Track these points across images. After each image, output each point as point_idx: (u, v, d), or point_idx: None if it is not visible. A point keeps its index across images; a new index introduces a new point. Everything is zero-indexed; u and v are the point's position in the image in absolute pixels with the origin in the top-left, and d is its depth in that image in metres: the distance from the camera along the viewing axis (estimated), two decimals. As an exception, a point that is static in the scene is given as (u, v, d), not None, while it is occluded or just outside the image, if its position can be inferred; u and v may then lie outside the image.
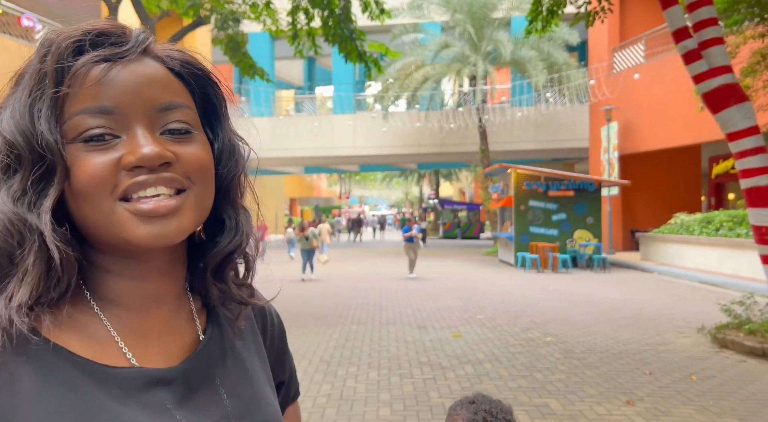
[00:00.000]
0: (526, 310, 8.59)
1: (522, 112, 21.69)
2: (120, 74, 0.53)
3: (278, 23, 10.86)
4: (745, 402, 4.38)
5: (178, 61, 0.58)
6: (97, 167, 0.51)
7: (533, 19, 9.09)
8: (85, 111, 0.52)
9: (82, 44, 0.53)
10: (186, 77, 0.59)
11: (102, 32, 0.55)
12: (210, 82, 0.61)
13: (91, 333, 0.55)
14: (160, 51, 0.58)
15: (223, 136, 0.63)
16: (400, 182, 53.36)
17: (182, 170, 0.55)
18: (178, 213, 0.54)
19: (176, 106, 0.56)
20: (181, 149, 0.55)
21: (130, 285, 0.57)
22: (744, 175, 6.15)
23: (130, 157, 0.52)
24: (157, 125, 0.55)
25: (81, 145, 0.52)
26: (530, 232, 15.53)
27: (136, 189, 0.52)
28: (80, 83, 0.52)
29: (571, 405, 4.35)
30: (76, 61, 0.52)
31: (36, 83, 0.53)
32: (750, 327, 6.10)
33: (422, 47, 22.18)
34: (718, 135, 12.83)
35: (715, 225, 13.19)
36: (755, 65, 10.39)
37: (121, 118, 0.53)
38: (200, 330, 0.63)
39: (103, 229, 0.53)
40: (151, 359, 0.57)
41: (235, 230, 0.64)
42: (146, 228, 0.52)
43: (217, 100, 0.63)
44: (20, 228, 0.51)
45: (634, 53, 18.42)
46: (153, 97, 0.54)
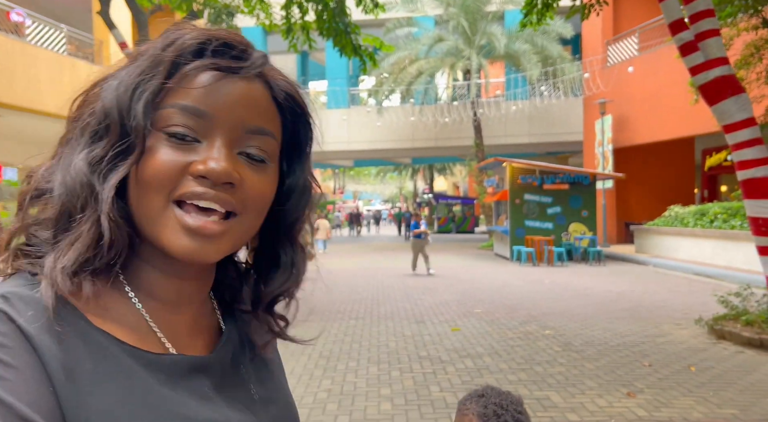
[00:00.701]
0: (524, 304, 8.60)
1: (516, 106, 21.69)
2: (226, 87, 0.55)
3: (272, 17, 10.78)
4: (745, 393, 4.41)
5: (284, 93, 0.60)
6: (167, 164, 0.53)
7: (528, 11, 9.05)
8: (180, 106, 0.53)
9: (205, 48, 0.55)
10: (285, 109, 0.61)
11: (227, 43, 0.56)
12: (304, 121, 0.63)
13: (129, 322, 0.56)
14: (270, 75, 0.59)
15: (300, 174, 0.65)
16: (395, 177, 53.33)
17: (241, 196, 0.55)
18: (221, 238, 0.55)
19: (263, 133, 0.57)
20: (250, 176, 0.56)
21: (169, 282, 0.59)
22: (741, 166, 6.16)
23: (199, 166, 0.53)
24: (238, 144, 0.56)
25: (164, 135, 0.53)
26: (525, 226, 15.55)
27: (192, 197, 0.53)
28: (188, 82, 0.54)
29: (572, 397, 4.35)
30: (194, 61, 0.54)
31: (150, 66, 0.54)
32: (747, 318, 6.13)
33: (416, 41, 22.13)
34: (711, 127, 12.93)
35: (710, 218, 13.26)
36: (749, 57, 10.43)
37: (209, 125, 0.54)
38: (222, 324, 0.67)
39: (147, 225, 0.54)
40: (183, 350, 0.59)
41: (291, 269, 0.66)
42: (185, 242, 0.53)
43: (305, 140, 0.64)
44: (86, 194, 0.52)
45: (628, 46, 18.45)
46: (246, 118, 0.56)
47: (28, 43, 12.81)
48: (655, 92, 16.64)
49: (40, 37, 13.48)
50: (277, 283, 0.65)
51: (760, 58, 10.29)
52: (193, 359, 0.58)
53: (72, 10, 16.86)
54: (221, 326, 0.66)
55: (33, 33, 13.30)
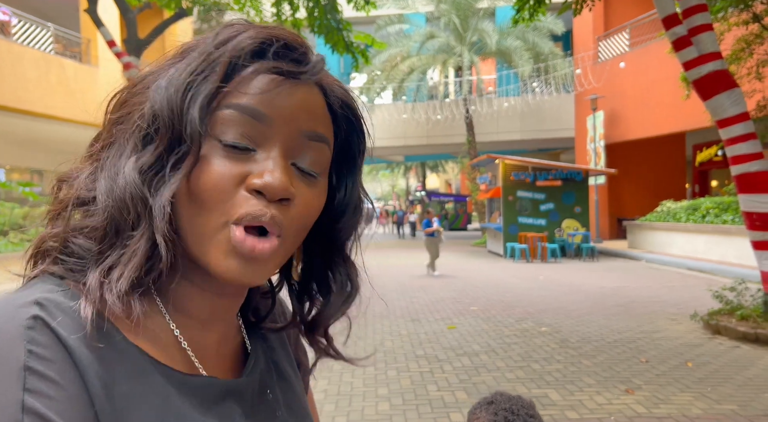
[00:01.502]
0: (519, 300, 8.59)
1: (508, 103, 21.70)
2: (286, 91, 0.51)
3: (262, 14, 10.69)
4: (743, 388, 4.40)
5: (339, 100, 0.56)
6: (223, 177, 0.49)
7: (520, 8, 9.03)
8: (238, 108, 0.49)
9: (264, 49, 0.51)
10: (339, 117, 0.57)
11: (288, 45, 0.52)
12: (359, 132, 0.59)
13: (159, 339, 0.52)
14: (326, 81, 0.56)
15: (352, 188, 0.61)
16: (387, 175, 53.30)
17: (293, 213, 0.52)
18: (270, 261, 0.51)
19: (321, 140, 0.54)
20: (303, 190, 0.53)
21: (204, 298, 0.55)
22: (734, 161, 6.17)
23: (256, 180, 0.49)
24: (294, 153, 0.52)
25: (218, 143, 0.49)
26: (519, 222, 15.56)
27: (251, 220, 0.49)
28: (246, 85, 0.50)
29: (571, 395, 4.33)
30: (252, 62, 0.50)
31: (204, 66, 0.50)
32: (742, 313, 6.14)
33: (407, 38, 22.08)
34: (701, 123, 13.00)
35: (702, 213, 13.32)
36: (739, 52, 10.48)
37: (267, 131, 0.50)
38: (248, 345, 0.63)
39: (195, 242, 0.50)
40: (211, 371, 0.56)
41: (348, 289, 0.63)
42: (233, 265, 0.49)
43: (358, 151, 0.61)
44: (139, 208, 0.48)
45: (619, 42, 18.49)
46: (305, 124, 0.52)
47: (14, 42, 12.63)
48: (646, 88, 16.70)
49: (26, 36, 13.30)
50: (336, 305, 0.62)
51: (750, 53, 10.35)
52: (227, 383, 0.55)
53: (59, 9, 16.66)
54: (246, 346, 0.63)
55: (19, 32, 13.12)
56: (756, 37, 10.07)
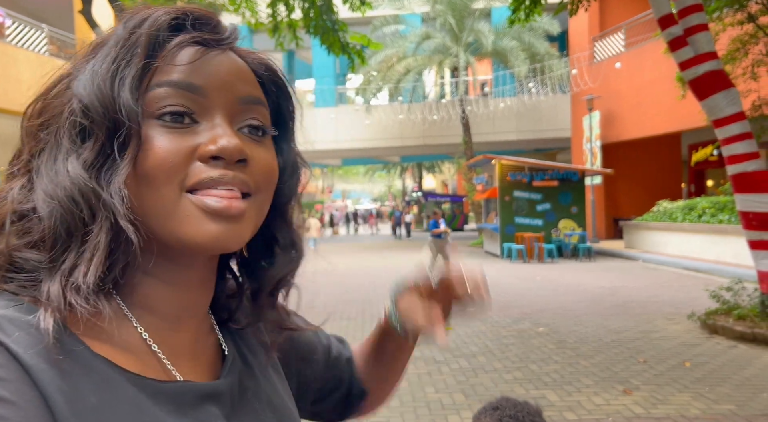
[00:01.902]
0: (516, 301, 8.58)
1: (504, 103, 21.71)
2: (214, 59, 0.51)
3: (258, 15, 10.65)
4: (740, 388, 4.40)
5: (261, 65, 0.57)
6: (171, 151, 0.47)
7: (516, 8, 9.02)
8: (170, 83, 0.49)
9: (181, 23, 0.51)
10: (266, 84, 0.57)
11: (201, 18, 0.52)
12: (286, 95, 0.60)
13: (127, 344, 0.50)
14: (243, 50, 0.56)
15: (288, 151, 0.61)
16: (383, 175, 53.26)
17: (254, 173, 0.52)
18: (243, 219, 0.50)
19: (258, 102, 0.54)
20: (256, 151, 0.53)
21: (168, 293, 0.53)
22: (731, 160, 6.17)
23: (210, 146, 0.48)
24: (237, 119, 0.52)
25: (157, 122, 0.48)
26: (515, 223, 15.55)
27: (209, 184, 0.48)
28: (173, 59, 0.49)
29: (569, 396, 4.32)
30: (173, 36, 0.50)
31: (123, 51, 0.49)
32: (739, 313, 6.14)
33: (403, 39, 22.05)
34: (697, 123, 13.00)
35: (698, 212, 13.33)
36: (734, 52, 10.48)
37: (205, 102, 0.50)
38: (223, 345, 0.61)
39: (160, 221, 0.48)
40: (187, 373, 0.54)
41: (291, 251, 0.61)
42: (210, 228, 0.48)
43: (288, 114, 0.60)
44: (91, 202, 0.46)
45: (615, 42, 18.52)
46: (239, 88, 0.52)
47: (8, 43, 12.57)
48: (642, 88, 16.72)
49: (20, 37, 13.24)
50: (281, 266, 0.60)
51: (746, 53, 10.35)
52: (203, 386, 0.53)
53: (53, 10, 16.59)
54: (221, 346, 0.61)
55: (13, 33, 13.06)
56: (751, 37, 10.08)
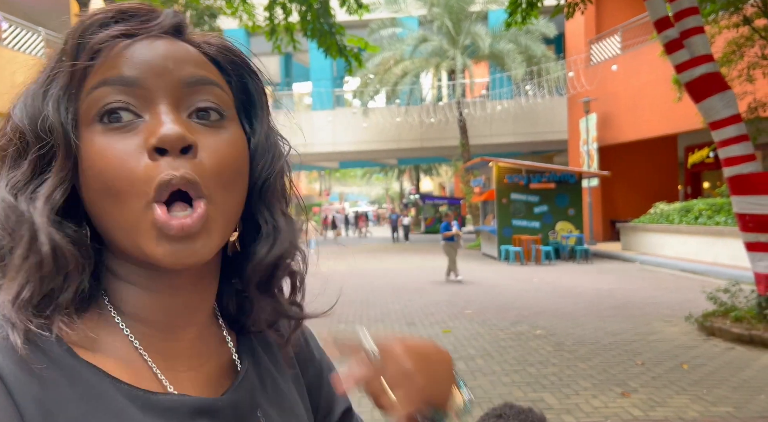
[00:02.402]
0: (514, 303, 8.58)
1: (501, 106, 21.75)
2: (145, 48, 0.48)
3: (255, 18, 10.65)
4: (738, 390, 4.40)
5: (216, 47, 0.53)
6: (121, 155, 0.45)
7: (513, 11, 9.05)
8: (104, 82, 0.46)
9: (108, 22, 0.48)
10: (224, 65, 0.53)
11: (129, 11, 0.49)
12: (250, 72, 0.56)
13: (118, 352, 0.48)
14: (196, 37, 0.53)
15: (261, 131, 0.56)
16: (381, 178, 53.28)
17: (204, 166, 0.47)
18: (202, 234, 0.46)
19: (206, 82, 0.49)
20: (209, 139, 0.48)
21: (154, 300, 0.50)
22: (727, 163, 6.19)
23: (151, 139, 0.45)
24: (183, 104, 0.48)
25: (99, 126, 0.46)
26: (513, 225, 15.57)
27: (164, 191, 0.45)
28: (101, 58, 0.47)
29: (567, 398, 4.31)
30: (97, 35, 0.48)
31: (55, 63, 0.48)
32: (736, 314, 6.16)
33: (400, 42, 22.09)
34: (693, 125, 13.05)
35: (695, 214, 13.37)
36: (730, 55, 10.52)
37: (144, 93, 0.47)
38: (235, 356, 0.57)
39: (124, 237, 0.46)
40: (183, 385, 0.51)
41: (273, 237, 0.55)
42: (165, 247, 0.45)
43: (256, 92, 0.56)
44: (13, 218, 0.45)
45: (611, 45, 18.58)
46: (180, 71, 0.48)
47: (5, 47, 12.56)
48: (638, 90, 16.77)
49: (17, 40, 13.22)
50: (261, 252, 0.54)
51: (741, 56, 10.39)
52: (198, 401, 0.49)
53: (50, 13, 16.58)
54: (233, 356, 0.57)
55: (10, 37, 13.04)
56: (746, 40, 10.13)
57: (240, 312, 0.59)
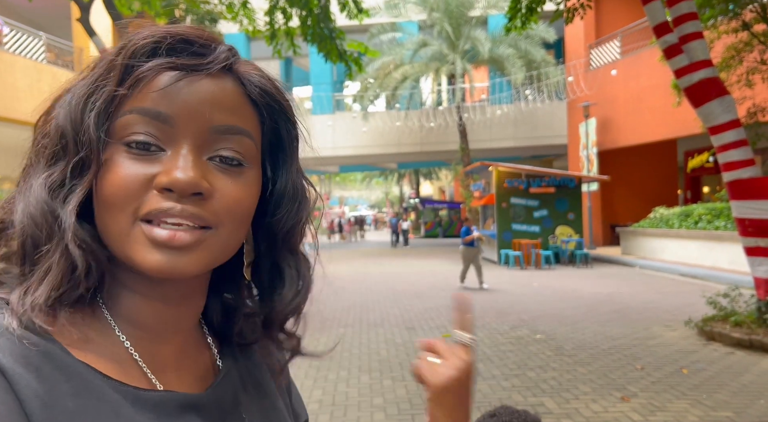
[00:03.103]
0: (513, 307, 8.57)
1: (501, 110, 21.79)
2: (187, 86, 0.49)
3: (255, 23, 10.68)
4: (738, 395, 4.40)
5: (257, 88, 0.54)
6: (129, 178, 0.48)
7: (512, 16, 9.08)
8: (139, 111, 0.48)
9: (159, 46, 0.50)
10: (260, 105, 0.54)
11: (185, 39, 0.50)
12: (285, 118, 0.57)
13: (110, 353, 0.50)
14: (242, 70, 0.53)
15: (288, 177, 0.58)
16: (381, 182, 53.31)
17: (215, 207, 0.50)
18: (195, 250, 0.49)
19: (236, 132, 0.51)
20: (223, 183, 0.50)
21: (149, 307, 0.53)
22: (726, 167, 6.20)
23: (162, 178, 0.48)
24: (207, 148, 0.50)
25: (124, 147, 0.48)
26: (512, 229, 15.58)
27: (159, 215, 0.48)
28: (144, 86, 0.48)
29: (567, 403, 4.31)
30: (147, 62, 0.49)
31: (103, 74, 0.50)
32: (736, 319, 6.15)
33: (400, 46, 22.16)
34: (693, 129, 13.08)
35: (694, 219, 13.38)
36: (729, 60, 10.55)
37: (173, 131, 0.49)
38: (217, 359, 0.61)
39: (116, 244, 0.49)
40: (171, 385, 0.54)
41: (298, 283, 0.60)
42: (156, 257, 0.48)
43: (288, 138, 0.58)
44: (50, 222, 0.48)
45: (610, 50, 18.63)
46: (213, 117, 0.50)
47: (6, 51, 12.59)
48: (637, 95, 16.81)
49: (18, 45, 13.26)
50: (288, 299, 0.59)
51: (740, 61, 10.43)
52: (185, 397, 0.53)
53: (51, 18, 16.62)
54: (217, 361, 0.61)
55: (11, 41, 13.08)
56: (746, 45, 10.16)
57: (225, 323, 0.63)
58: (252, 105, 0.53)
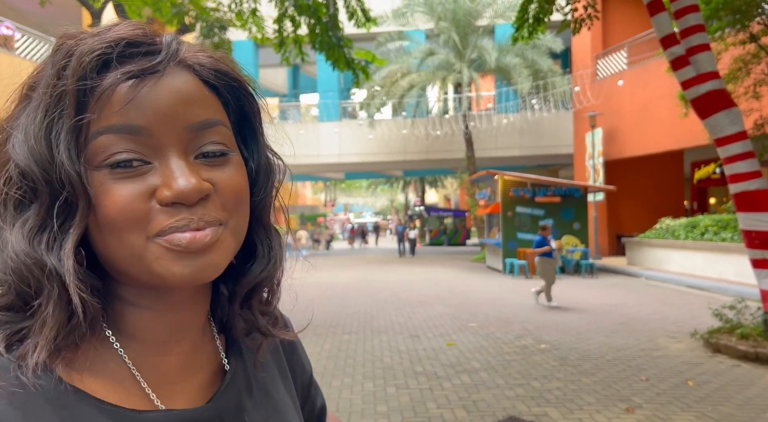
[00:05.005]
0: (518, 317, 8.55)
1: (507, 119, 21.82)
2: (151, 91, 0.46)
3: (264, 31, 10.77)
4: (744, 408, 4.37)
5: (212, 71, 0.51)
6: (127, 199, 0.45)
7: (520, 26, 9.13)
8: (111, 130, 0.45)
9: (109, 58, 0.46)
10: (219, 87, 0.52)
11: (131, 42, 0.47)
12: (245, 94, 0.55)
13: (110, 373, 0.49)
14: (190, 58, 0.51)
15: (259, 153, 0.57)
16: (386, 189, 53.35)
17: (220, 201, 0.49)
18: (215, 248, 0.48)
19: (212, 125, 0.50)
20: (218, 175, 0.49)
21: (153, 318, 0.51)
22: (733, 179, 6.19)
23: (166, 192, 0.46)
24: (191, 148, 0.49)
25: (107, 171, 0.45)
26: (518, 238, 15.55)
27: (175, 231, 0.46)
28: (106, 103, 0.45)
29: (571, 413, 4.30)
30: (101, 78, 0.45)
31: (53, 102, 0.45)
32: (742, 331, 6.12)
33: (407, 55, 22.25)
34: (699, 140, 13.06)
35: (701, 230, 13.32)
36: (736, 72, 10.55)
37: (152, 141, 0.46)
38: (224, 360, 0.59)
39: (131, 266, 0.47)
40: (174, 398, 0.53)
41: (268, 256, 0.58)
42: (181, 266, 0.47)
43: (252, 114, 0.56)
44: (37, 274, 0.45)
45: (617, 60, 18.65)
46: (187, 116, 0.48)
47: (16, 55, 12.73)
48: (644, 105, 16.80)
49: (29, 50, 13.41)
50: (257, 270, 0.57)
51: (747, 73, 10.43)
52: (182, 414, 0.51)
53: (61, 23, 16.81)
54: (223, 362, 0.59)
55: (22, 46, 13.23)
56: (753, 57, 10.16)
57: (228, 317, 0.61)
58: (211, 89, 0.51)
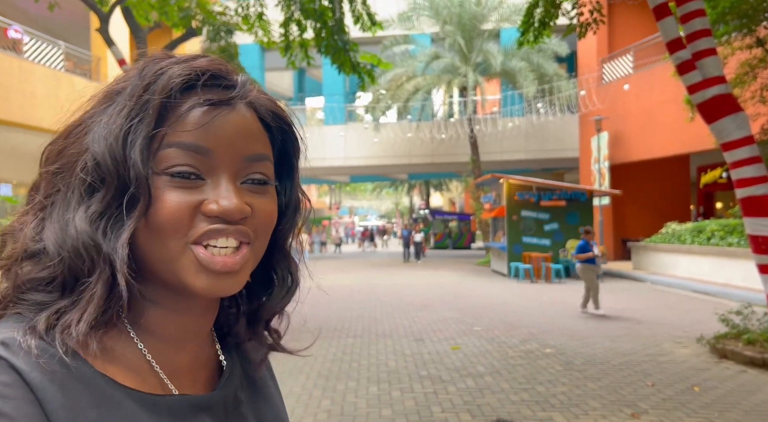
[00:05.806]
0: (523, 321, 8.54)
1: (512, 123, 21.80)
2: (221, 120, 0.54)
3: (270, 35, 10.82)
4: (750, 414, 4.35)
5: (269, 112, 0.59)
6: (179, 206, 0.52)
7: (525, 30, 9.14)
8: (180, 146, 0.52)
9: (194, 83, 0.53)
10: (272, 127, 0.60)
11: (214, 75, 0.55)
12: (292, 137, 0.63)
13: (128, 362, 0.54)
14: (255, 98, 0.58)
15: (293, 190, 0.64)
16: (391, 193, 53.36)
17: (254, 224, 0.55)
18: (239, 271, 0.54)
19: (262, 159, 0.57)
20: (257, 201, 0.56)
21: (173, 319, 0.57)
22: (739, 184, 6.16)
23: (212, 206, 0.52)
24: (240, 174, 0.55)
25: (167, 178, 0.52)
26: (523, 242, 15.52)
27: (212, 236, 0.53)
28: (182, 121, 0.52)
29: (576, 418, 4.28)
30: (183, 99, 0.53)
31: (137, 110, 0.52)
32: (749, 337, 6.09)
33: (413, 58, 22.29)
34: (706, 145, 13.01)
35: (707, 235, 13.26)
36: (743, 76, 10.52)
37: (211, 162, 0.53)
38: (222, 359, 0.65)
39: (165, 268, 0.53)
40: (183, 388, 0.58)
41: (289, 285, 0.65)
42: (207, 281, 0.53)
43: (294, 155, 0.64)
44: (92, 254, 0.50)
45: (623, 64, 18.62)
46: (244, 148, 0.55)
47: (25, 59, 12.82)
48: (650, 109, 16.76)
49: (37, 53, 13.50)
50: (278, 298, 0.65)
51: (754, 77, 10.39)
52: (196, 398, 0.57)
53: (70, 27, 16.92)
54: (220, 359, 0.65)
55: (31, 50, 13.32)
56: (760, 61, 10.13)
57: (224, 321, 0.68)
58: (265, 127, 0.58)
